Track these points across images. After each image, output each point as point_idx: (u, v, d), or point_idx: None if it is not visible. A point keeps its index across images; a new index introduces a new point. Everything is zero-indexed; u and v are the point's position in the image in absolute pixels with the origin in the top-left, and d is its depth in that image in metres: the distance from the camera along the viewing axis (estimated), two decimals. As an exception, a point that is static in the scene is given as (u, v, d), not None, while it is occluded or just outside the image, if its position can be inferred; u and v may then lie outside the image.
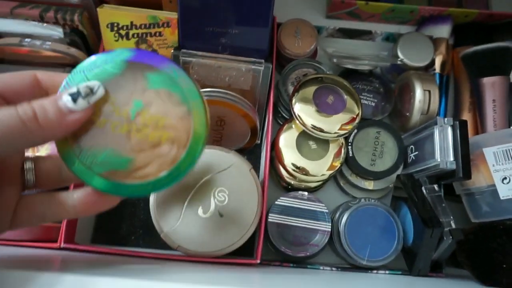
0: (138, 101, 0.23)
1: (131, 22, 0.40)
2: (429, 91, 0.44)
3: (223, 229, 0.37)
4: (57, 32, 0.39)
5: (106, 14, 0.39)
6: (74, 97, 0.21)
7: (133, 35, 0.41)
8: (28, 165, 0.25)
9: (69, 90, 0.21)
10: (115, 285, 0.26)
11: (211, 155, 0.39)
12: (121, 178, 0.23)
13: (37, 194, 0.24)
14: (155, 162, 0.24)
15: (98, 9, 0.39)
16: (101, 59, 0.23)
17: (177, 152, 0.24)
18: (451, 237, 0.37)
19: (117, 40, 0.41)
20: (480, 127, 0.47)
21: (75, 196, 0.24)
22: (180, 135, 0.24)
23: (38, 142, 0.21)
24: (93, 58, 0.23)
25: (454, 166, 0.39)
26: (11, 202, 0.23)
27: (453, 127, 0.40)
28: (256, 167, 0.47)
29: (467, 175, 0.38)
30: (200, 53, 0.40)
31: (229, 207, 0.37)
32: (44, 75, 0.23)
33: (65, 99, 0.21)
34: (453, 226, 0.38)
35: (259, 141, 0.47)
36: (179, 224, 0.37)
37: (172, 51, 0.40)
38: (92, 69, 0.23)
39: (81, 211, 0.24)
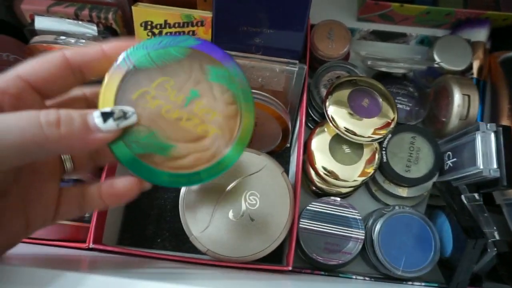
0: (195, 90, 0.23)
1: (165, 21, 0.40)
2: (469, 96, 0.43)
3: (254, 233, 0.36)
4: (91, 30, 0.39)
5: (141, 13, 0.39)
6: (105, 117, 0.20)
7: (166, 34, 0.40)
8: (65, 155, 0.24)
9: (102, 110, 0.20)
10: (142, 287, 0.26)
11: (242, 157, 0.38)
12: (156, 164, 0.23)
13: (72, 187, 0.24)
14: (193, 155, 0.23)
15: (132, 7, 0.39)
16: (167, 40, 0.23)
17: (217, 150, 0.24)
18: (495, 249, 0.35)
19: (150, 39, 0.41)
20: (521, 135, 0.45)
21: (102, 187, 0.24)
22: (225, 134, 0.24)
23: (52, 152, 0.19)
24: (159, 38, 0.23)
25: (498, 174, 0.37)
26: (54, 194, 0.23)
27: (496, 133, 0.38)
28: (285, 171, 0.46)
29: (512, 184, 0.36)
30: (233, 53, 0.40)
31: (260, 211, 0.36)
32: (73, 55, 0.22)
33: (96, 116, 0.20)
34: (497, 237, 0.36)
35: (288, 145, 0.46)
36: (209, 227, 0.36)
37: (205, 50, 0.40)
38: (156, 48, 0.22)
39: (108, 202, 0.24)
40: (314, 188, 0.45)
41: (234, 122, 0.24)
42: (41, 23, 0.39)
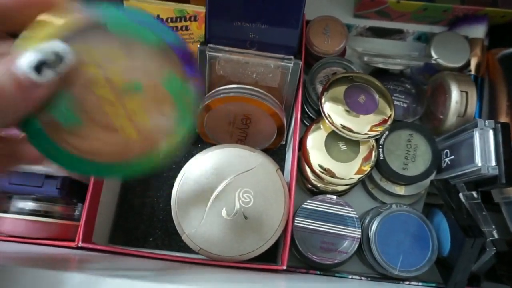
0: (140, 84, 0.20)
1: (157, 16, 0.39)
2: (467, 92, 0.42)
3: (248, 232, 0.35)
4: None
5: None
6: (38, 66, 0.16)
7: (158, 28, 0.40)
8: None
9: (28, 57, 0.16)
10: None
11: (236, 155, 0.37)
12: (51, 130, 0.19)
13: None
14: (96, 142, 0.20)
15: (124, 1, 0.38)
16: (151, 22, 0.20)
17: (124, 152, 0.21)
18: (494, 248, 0.34)
19: (142, 34, 0.40)
20: (520, 132, 0.44)
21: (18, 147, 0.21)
22: (142, 144, 0.21)
23: None
24: (146, 15, 0.20)
25: (496, 172, 0.36)
26: None
27: (494, 130, 0.37)
28: (280, 169, 0.45)
29: (511, 181, 0.36)
30: (227, 48, 0.39)
31: (255, 209, 0.36)
32: None
33: (26, 68, 0.15)
34: (496, 236, 0.36)
35: (284, 142, 0.45)
36: (201, 226, 0.35)
37: (199, 46, 0.39)
38: (136, 22, 0.19)
39: (23, 162, 0.22)
40: (309, 186, 0.44)
41: (160, 137, 0.21)
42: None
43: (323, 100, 0.40)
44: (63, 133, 0.19)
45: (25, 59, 0.16)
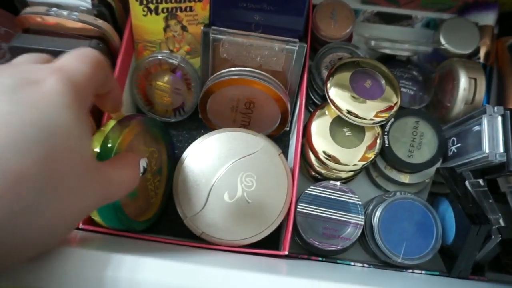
0: (162, 168, 0.38)
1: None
2: (475, 79, 0.41)
3: (250, 216, 0.35)
4: (85, 2, 0.37)
5: (136, -14, 0.38)
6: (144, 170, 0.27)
7: (162, 9, 0.39)
8: None
9: (143, 164, 0.27)
10: (138, 262, 0.24)
11: (238, 138, 0.36)
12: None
13: None
14: (132, 207, 0.34)
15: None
16: (163, 127, 0.38)
17: (146, 212, 0.38)
18: (499, 235, 0.34)
19: (145, 15, 0.39)
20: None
21: None
22: (156, 204, 0.39)
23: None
24: (162, 123, 0.38)
25: (504, 159, 0.35)
26: None
27: (503, 116, 0.36)
28: (284, 155, 0.45)
29: (519, 169, 0.35)
30: (231, 30, 0.38)
31: (257, 193, 0.35)
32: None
33: (142, 170, 0.27)
34: (502, 224, 0.35)
35: (287, 128, 0.45)
36: (203, 209, 0.35)
37: (202, 27, 0.38)
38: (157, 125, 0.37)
39: None
40: (313, 173, 0.44)
41: (161, 200, 0.39)
42: (32, -5, 0.37)
43: (328, 85, 0.39)
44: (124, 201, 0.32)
45: (142, 165, 0.27)
